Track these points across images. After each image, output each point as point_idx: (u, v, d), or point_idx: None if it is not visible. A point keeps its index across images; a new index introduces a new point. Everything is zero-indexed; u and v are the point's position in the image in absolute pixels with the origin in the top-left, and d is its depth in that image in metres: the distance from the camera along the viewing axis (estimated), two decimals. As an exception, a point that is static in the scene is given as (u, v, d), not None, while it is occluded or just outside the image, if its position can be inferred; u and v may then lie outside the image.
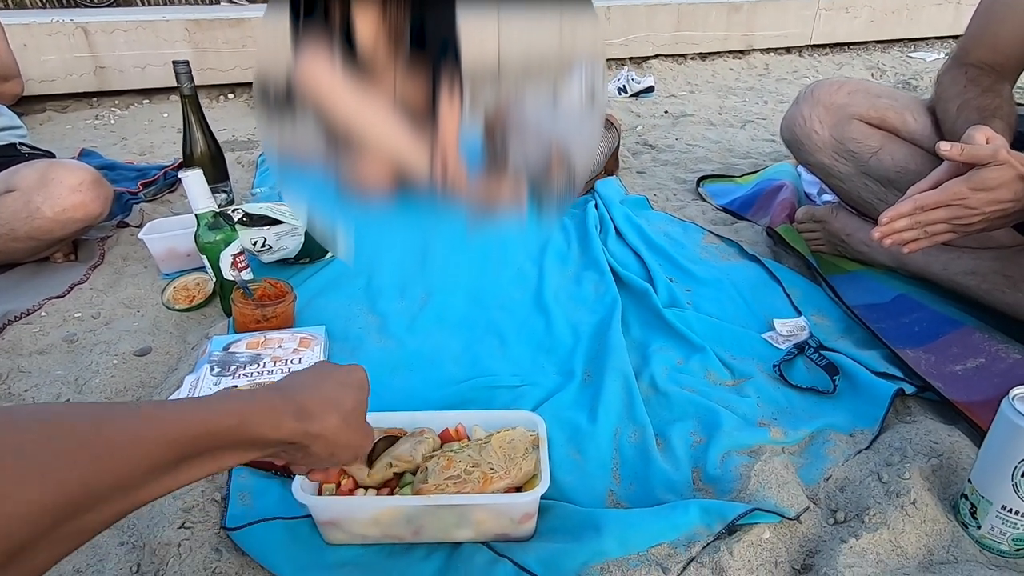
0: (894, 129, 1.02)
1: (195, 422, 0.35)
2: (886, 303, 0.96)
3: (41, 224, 1.03)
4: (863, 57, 3.30)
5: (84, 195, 1.05)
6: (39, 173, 1.05)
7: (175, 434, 0.34)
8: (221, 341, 0.83)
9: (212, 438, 0.36)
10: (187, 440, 0.34)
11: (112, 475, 0.30)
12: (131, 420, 0.33)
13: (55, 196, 1.03)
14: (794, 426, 0.74)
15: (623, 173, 1.65)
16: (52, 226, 1.04)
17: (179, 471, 0.35)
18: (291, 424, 0.41)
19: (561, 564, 0.57)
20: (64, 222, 1.04)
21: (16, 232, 1.03)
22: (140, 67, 2.30)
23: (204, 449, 0.36)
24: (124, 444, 0.31)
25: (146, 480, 0.32)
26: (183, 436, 0.34)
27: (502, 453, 0.61)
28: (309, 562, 0.59)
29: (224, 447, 0.37)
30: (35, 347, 0.90)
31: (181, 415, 0.35)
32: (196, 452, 0.35)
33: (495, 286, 1.08)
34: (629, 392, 0.80)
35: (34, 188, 1.03)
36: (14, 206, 1.02)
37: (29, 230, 1.03)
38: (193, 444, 0.35)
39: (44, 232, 1.04)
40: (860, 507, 0.62)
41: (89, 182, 1.06)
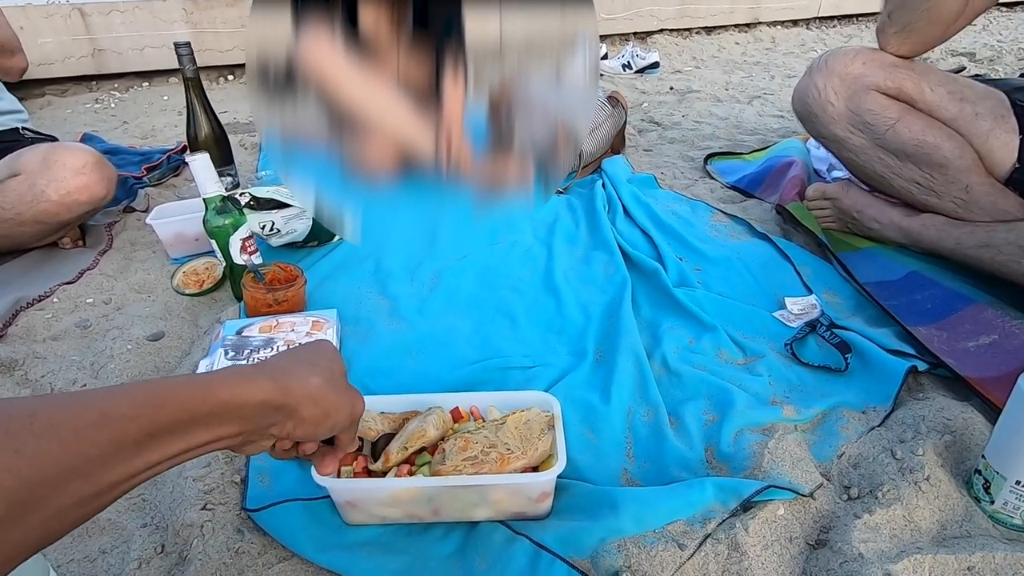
0: (911, 100, 1.00)
1: (158, 392, 0.33)
2: (898, 280, 0.95)
3: (47, 208, 1.03)
4: (872, 29, 3.23)
5: (88, 177, 1.04)
6: (42, 156, 1.04)
7: (136, 409, 0.32)
8: (234, 325, 0.84)
9: (179, 408, 0.34)
10: (150, 412, 0.32)
11: (69, 455, 0.29)
12: (85, 398, 0.31)
13: (59, 179, 1.02)
14: (806, 404, 0.75)
15: (629, 151, 1.63)
16: (58, 209, 1.04)
17: (147, 448, 0.32)
18: (267, 384, 0.39)
19: (578, 541, 0.57)
20: (69, 205, 1.04)
21: (22, 216, 1.03)
22: (138, 49, 2.27)
23: (173, 422, 0.33)
24: (81, 423, 0.30)
25: (110, 460, 0.31)
26: (144, 409, 0.32)
27: (518, 434, 0.62)
28: (329, 542, 0.60)
29: (196, 419, 0.34)
30: (49, 333, 0.91)
31: (142, 389, 0.33)
32: (164, 427, 0.33)
33: (504, 267, 1.07)
34: (641, 372, 0.80)
35: (38, 171, 1.03)
36: (19, 190, 1.02)
37: (35, 214, 1.03)
38: (157, 417, 0.32)
39: (50, 216, 1.04)
40: (873, 483, 0.63)
41: (92, 164, 1.05)
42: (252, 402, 0.38)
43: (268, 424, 0.40)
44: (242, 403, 0.37)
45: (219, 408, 0.36)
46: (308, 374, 0.42)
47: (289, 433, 0.42)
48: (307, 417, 0.42)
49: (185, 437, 0.34)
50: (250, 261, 0.93)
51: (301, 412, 0.41)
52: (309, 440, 0.46)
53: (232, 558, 0.57)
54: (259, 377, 0.38)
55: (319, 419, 0.43)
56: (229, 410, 0.36)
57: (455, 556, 0.58)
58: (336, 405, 0.44)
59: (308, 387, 0.42)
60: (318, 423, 0.43)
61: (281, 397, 0.39)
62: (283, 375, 0.40)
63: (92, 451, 0.30)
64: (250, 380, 0.38)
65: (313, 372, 0.43)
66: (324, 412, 0.43)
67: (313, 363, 0.44)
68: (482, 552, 0.58)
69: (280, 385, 0.39)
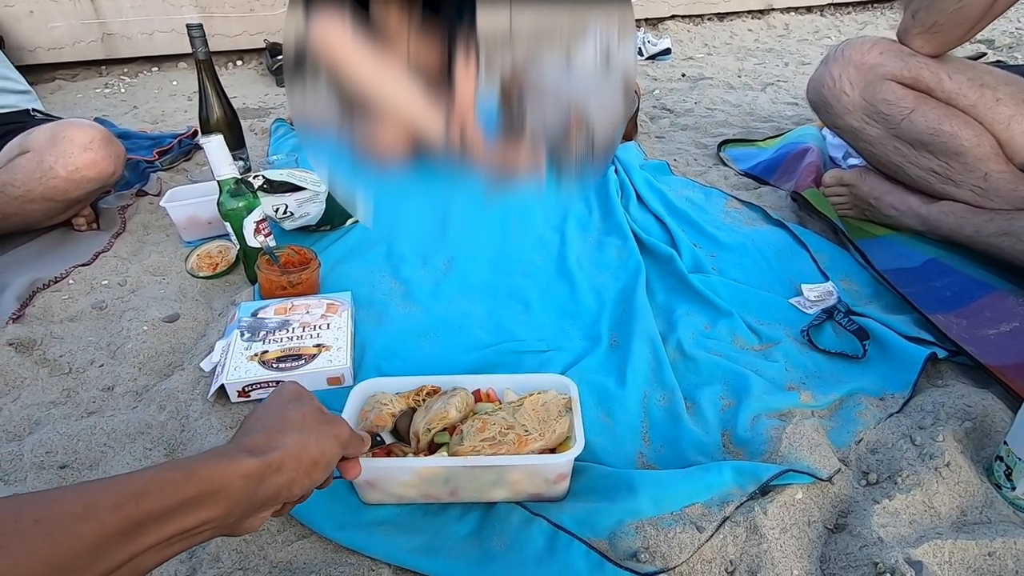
0: (928, 89, 0.99)
1: (139, 481, 0.33)
2: (916, 267, 0.94)
3: (55, 184, 1.03)
4: (888, 16, 3.18)
5: (95, 153, 1.04)
6: (50, 132, 1.05)
7: (118, 498, 0.32)
8: (250, 307, 0.84)
9: (161, 494, 0.33)
10: (133, 500, 0.32)
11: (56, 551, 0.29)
12: (67, 492, 0.31)
13: (67, 155, 1.02)
14: (824, 390, 0.74)
15: (641, 138, 1.62)
16: (67, 186, 1.04)
17: (134, 538, 0.32)
18: (247, 460, 0.38)
19: (596, 522, 0.58)
20: (78, 181, 1.04)
21: (32, 193, 1.03)
22: (147, 33, 2.26)
23: (157, 510, 0.33)
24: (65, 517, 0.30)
25: (97, 553, 0.31)
26: (127, 497, 0.32)
27: (536, 416, 0.62)
28: (348, 521, 0.60)
29: (181, 504, 0.34)
30: (66, 314, 0.91)
31: (123, 480, 0.33)
32: (149, 515, 0.33)
33: (517, 252, 1.07)
34: (657, 357, 0.80)
35: (46, 148, 1.03)
36: (28, 167, 1.02)
37: (44, 190, 1.03)
38: (141, 505, 0.32)
39: (59, 192, 1.04)
40: (892, 469, 0.63)
41: (100, 140, 1.05)
42: (235, 479, 0.37)
43: (259, 501, 0.39)
44: (225, 482, 0.36)
45: (202, 490, 0.35)
46: (282, 434, 0.42)
47: (287, 496, 0.41)
48: (296, 475, 0.41)
49: (171, 523, 0.34)
50: (266, 243, 0.93)
51: (288, 474, 0.41)
52: (311, 490, 0.45)
53: (252, 535, 0.57)
54: (237, 454, 0.38)
55: (309, 469, 0.42)
56: (213, 490, 0.36)
57: (472, 536, 0.59)
58: (320, 447, 0.43)
59: (287, 449, 0.41)
60: (310, 473, 0.42)
61: (263, 468, 0.39)
62: (260, 448, 0.40)
63: (78, 545, 0.30)
64: (229, 459, 0.37)
65: (286, 430, 0.42)
66: (311, 461, 0.42)
67: (283, 418, 0.43)
68: (499, 532, 0.58)
69: (261, 459, 0.39)
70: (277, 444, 0.41)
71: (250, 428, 0.43)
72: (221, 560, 0.55)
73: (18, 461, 0.65)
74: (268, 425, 0.43)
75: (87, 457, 0.66)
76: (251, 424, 0.43)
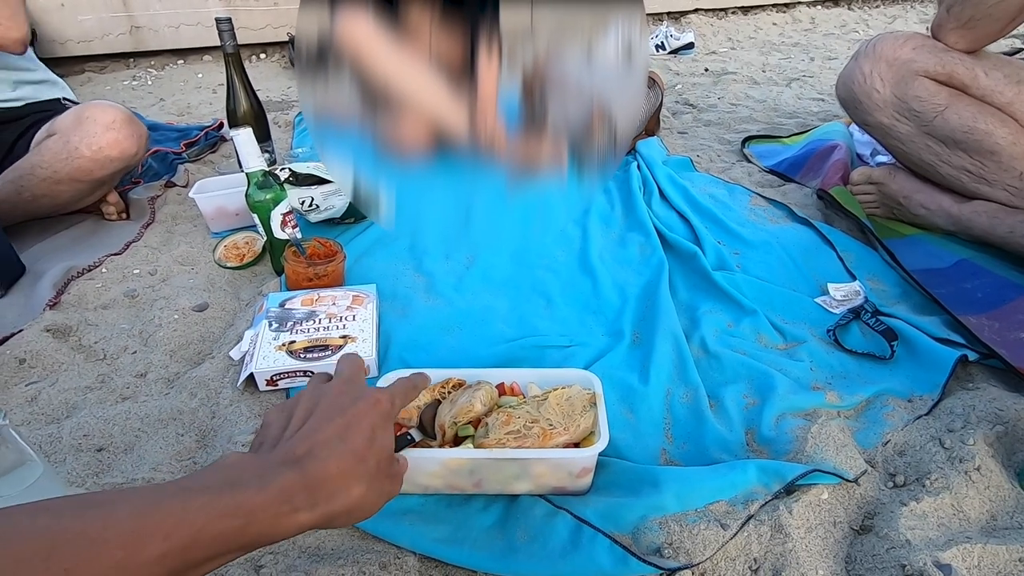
0: (963, 86, 0.97)
1: (189, 530, 0.29)
2: (947, 268, 0.93)
3: (81, 164, 1.06)
4: (918, 10, 3.11)
5: (118, 132, 1.07)
6: (75, 114, 1.09)
7: (163, 544, 0.28)
8: (277, 298, 0.85)
9: (210, 545, 0.30)
10: (179, 551, 0.29)
11: None
12: (109, 530, 0.27)
13: (91, 134, 1.06)
14: (850, 391, 0.73)
15: (664, 133, 1.60)
16: (91, 165, 1.07)
17: None
18: (306, 516, 0.34)
19: (619, 517, 0.58)
20: (101, 161, 1.07)
21: (59, 174, 1.07)
22: (174, 26, 2.30)
23: (203, 558, 0.30)
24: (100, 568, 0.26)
25: None
26: (173, 545, 0.29)
27: (560, 410, 0.62)
28: (374, 509, 0.61)
29: (225, 552, 0.31)
30: (99, 302, 0.93)
31: (171, 520, 0.29)
32: (192, 563, 0.30)
33: (539, 247, 1.07)
34: (680, 354, 0.80)
35: (71, 129, 1.07)
36: (54, 148, 1.06)
37: (70, 171, 1.07)
38: (184, 555, 0.29)
39: (84, 172, 1.08)
40: (920, 472, 0.62)
41: (122, 120, 1.08)
42: (286, 535, 0.34)
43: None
44: (278, 538, 0.34)
45: (254, 541, 0.32)
46: (352, 482, 0.37)
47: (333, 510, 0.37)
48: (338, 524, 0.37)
49: (212, 564, 0.31)
50: (293, 235, 0.94)
51: (334, 523, 0.37)
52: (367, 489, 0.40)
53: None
54: (300, 505, 0.34)
55: (348, 522, 0.38)
56: (265, 542, 0.33)
57: (496, 527, 0.59)
58: (371, 506, 0.39)
59: (349, 502, 0.37)
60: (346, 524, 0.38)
61: (315, 525, 0.35)
62: (325, 498, 0.35)
63: None
64: (291, 511, 0.34)
65: (358, 476, 0.37)
66: (355, 518, 0.39)
67: (359, 458, 0.38)
68: (523, 524, 0.59)
69: (320, 513, 0.35)
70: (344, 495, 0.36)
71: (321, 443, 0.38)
72: (252, 544, 0.57)
73: (57, 443, 0.67)
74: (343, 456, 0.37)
75: (122, 441, 0.68)
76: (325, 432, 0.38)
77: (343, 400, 0.41)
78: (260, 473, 0.34)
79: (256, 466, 0.35)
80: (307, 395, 0.43)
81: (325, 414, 0.40)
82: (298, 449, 0.37)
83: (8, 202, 1.08)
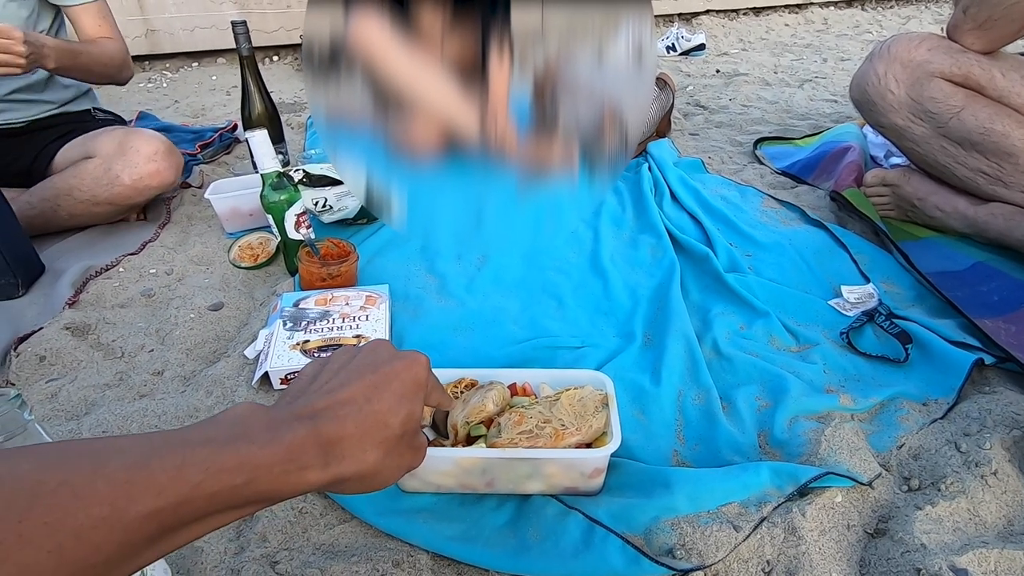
0: (979, 87, 0.96)
1: (184, 486, 0.26)
2: (962, 271, 0.92)
3: (120, 192, 1.10)
4: (932, 10, 3.08)
5: (159, 164, 1.10)
6: (117, 142, 1.11)
7: (156, 500, 0.25)
8: (291, 297, 0.86)
9: (208, 502, 0.27)
10: (173, 507, 0.26)
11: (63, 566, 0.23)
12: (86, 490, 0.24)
13: (133, 165, 1.09)
14: (864, 394, 0.73)
15: (675, 135, 1.60)
16: (131, 193, 1.10)
17: (161, 544, 0.27)
18: (316, 475, 0.31)
19: (631, 518, 0.58)
20: (141, 189, 1.11)
21: (97, 198, 1.10)
22: (188, 30, 2.33)
23: (194, 516, 0.27)
24: (85, 521, 0.24)
25: (113, 563, 0.25)
26: (168, 506, 0.26)
27: (572, 410, 0.62)
28: (387, 507, 0.61)
29: (223, 510, 0.28)
30: (116, 300, 0.95)
31: (165, 476, 0.26)
32: (187, 518, 0.27)
33: (550, 248, 1.08)
34: (692, 355, 0.80)
35: (113, 156, 1.09)
36: (95, 173, 1.09)
37: (109, 196, 1.10)
38: (177, 512, 0.26)
39: (123, 199, 1.11)
40: (936, 475, 0.61)
41: (164, 152, 1.11)
42: (294, 493, 0.31)
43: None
44: (285, 495, 0.31)
45: (257, 498, 0.30)
46: (368, 445, 0.34)
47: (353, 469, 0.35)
48: (348, 490, 0.35)
49: (207, 524, 0.28)
50: (308, 236, 0.95)
51: (345, 487, 0.34)
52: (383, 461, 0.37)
53: (296, 517, 0.59)
54: (312, 462, 0.31)
55: (359, 489, 0.36)
56: (271, 499, 0.31)
57: (508, 526, 0.60)
58: (386, 476, 0.36)
59: (363, 467, 0.34)
60: (357, 491, 0.36)
61: (326, 486, 0.33)
62: (337, 457, 0.33)
63: (93, 558, 0.24)
64: (301, 468, 0.31)
65: (377, 440, 0.34)
66: (368, 486, 0.36)
67: (383, 422, 0.35)
68: (535, 524, 0.59)
69: (331, 473, 0.32)
70: (358, 458, 0.34)
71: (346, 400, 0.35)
72: (268, 540, 0.58)
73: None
74: (366, 416, 0.35)
75: (140, 438, 0.69)
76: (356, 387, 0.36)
77: (380, 356, 0.38)
78: (270, 427, 0.31)
79: (267, 419, 0.32)
80: (347, 349, 0.40)
81: (357, 370, 0.37)
82: (317, 404, 0.34)
83: (42, 218, 1.12)
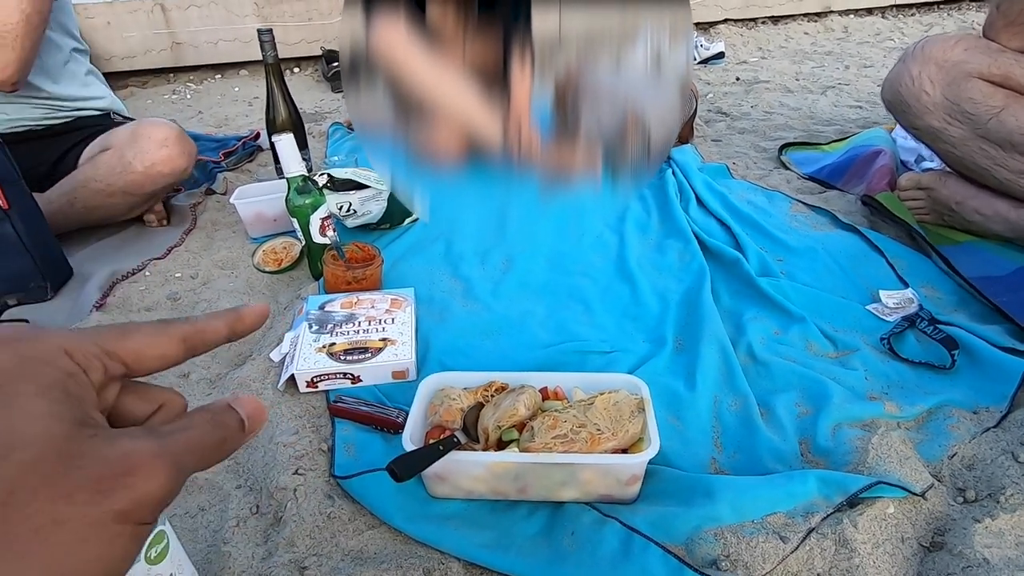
0: (1020, 87, 0.93)
1: None
2: (1006, 276, 0.89)
3: (134, 178, 1.10)
4: (955, 17, 3.04)
5: (170, 149, 1.11)
6: (130, 130, 1.13)
7: None
8: (316, 300, 0.85)
9: None
10: None
11: None
12: None
13: (144, 151, 1.10)
14: (909, 401, 0.70)
15: (698, 141, 1.58)
16: (143, 180, 1.11)
17: None
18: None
19: (671, 527, 0.56)
20: (153, 176, 1.11)
21: (112, 187, 1.11)
22: (212, 42, 2.37)
23: None
24: None
25: None
26: None
27: (608, 415, 0.60)
28: (416, 512, 0.60)
29: None
30: (143, 304, 0.95)
31: None
32: None
33: (576, 253, 1.06)
34: (727, 361, 0.77)
35: (126, 144, 1.11)
36: (110, 162, 1.10)
37: (123, 184, 1.11)
38: None
39: (136, 186, 1.12)
40: (993, 487, 0.58)
41: (174, 138, 1.12)
42: None
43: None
44: None
45: None
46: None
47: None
48: None
49: None
50: (334, 239, 0.94)
51: None
52: None
53: (324, 522, 0.58)
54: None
55: None
56: None
57: (542, 535, 0.58)
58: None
59: None
60: None
61: None
62: None
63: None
64: None
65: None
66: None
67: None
68: (570, 532, 0.57)
69: None
70: None
71: None
72: (296, 545, 0.56)
73: (103, 441, 0.68)
74: None
75: (166, 440, 0.68)
76: None
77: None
78: None
79: None
80: None
81: None
82: None
83: (61, 213, 1.12)
